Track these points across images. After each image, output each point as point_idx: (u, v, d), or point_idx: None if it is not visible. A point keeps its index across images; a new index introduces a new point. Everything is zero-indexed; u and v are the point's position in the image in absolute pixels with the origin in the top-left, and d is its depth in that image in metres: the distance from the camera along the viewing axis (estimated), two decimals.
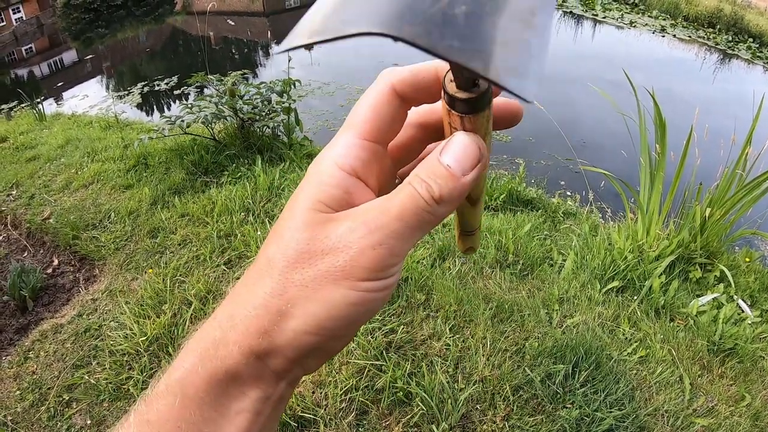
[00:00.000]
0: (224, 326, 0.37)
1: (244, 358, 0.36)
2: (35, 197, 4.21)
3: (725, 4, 18.40)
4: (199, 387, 0.36)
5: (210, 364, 0.36)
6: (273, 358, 0.36)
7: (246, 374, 0.36)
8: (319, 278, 0.35)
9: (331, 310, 0.35)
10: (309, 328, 0.35)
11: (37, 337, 2.83)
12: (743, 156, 3.44)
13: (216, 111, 4.32)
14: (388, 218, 0.35)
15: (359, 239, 0.35)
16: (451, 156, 0.36)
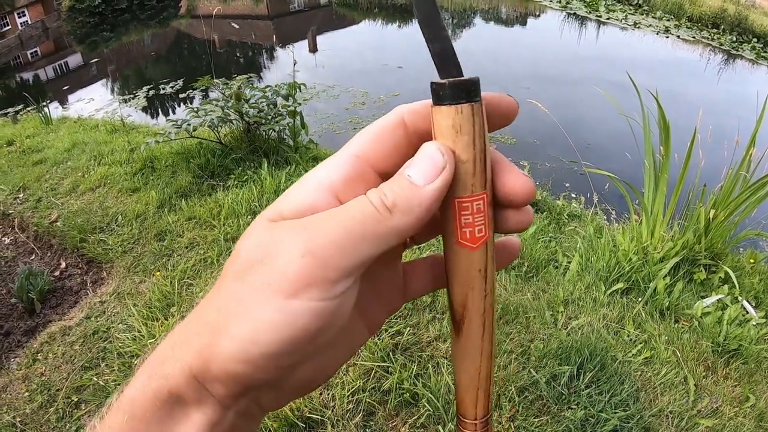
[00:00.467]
0: (176, 342, 0.35)
1: (184, 378, 0.33)
2: (42, 200, 4.24)
3: (729, 5, 18.36)
4: (145, 407, 0.34)
5: (155, 383, 0.34)
6: (211, 384, 0.33)
7: (188, 396, 0.34)
8: (252, 292, 0.32)
9: (259, 333, 0.31)
10: (237, 354, 0.32)
11: (45, 339, 2.85)
12: (747, 157, 3.45)
13: (222, 114, 4.35)
14: (329, 224, 0.32)
15: (290, 244, 0.32)
16: (414, 166, 0.34)
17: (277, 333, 0.31)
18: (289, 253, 0.32)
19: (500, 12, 21.22)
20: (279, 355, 0.32)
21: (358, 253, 0.32)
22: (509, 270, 3.20)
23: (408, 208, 0.33)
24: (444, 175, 0.33)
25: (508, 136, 7.39)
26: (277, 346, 0.31)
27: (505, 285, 3.05)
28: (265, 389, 0.35)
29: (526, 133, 7.56)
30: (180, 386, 0.33)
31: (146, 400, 0.34)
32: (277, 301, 0.31)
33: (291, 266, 0.31)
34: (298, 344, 0.32)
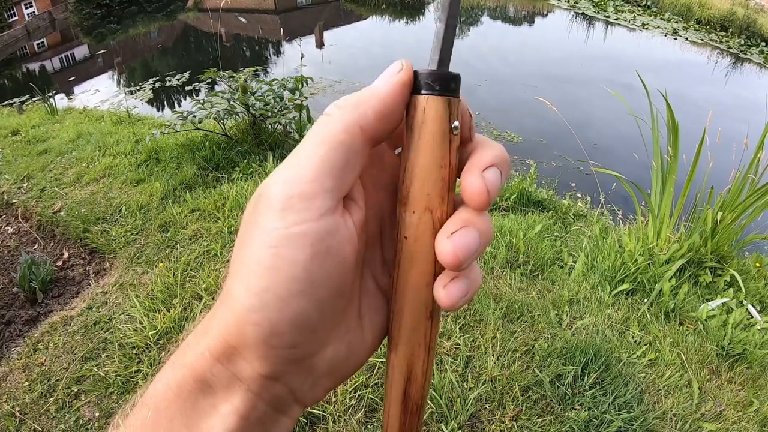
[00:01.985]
0: (199, 330, 0.35)
1: (208, 362, 0.32)
2: (46, 190, 4.24)
3: (738, 8, 18.29)
4: (169, 400, 0.33)
5: (179, 372, 0.33)
6: (237, 362, 0.32)
7: (214, 383, 0.33)
8: (246, 243, 0.32)
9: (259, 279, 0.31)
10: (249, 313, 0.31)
11: (46, 329, 2.85)
12: (755, 160, 3.42)
13: (228, 107, 4.34)
14: (297, 151, 0.33)
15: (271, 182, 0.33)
16: (376, 80, 0.35)
17: (274, 273, 0.30)
18: (268, 188, 0.32)
19: (508, 11, 21.18)
20: (286, 300, 0.30)
21: (326, 160, 0.32)
22: (515, 268, 3.18)
23: (358, 101, 0.34)
24: (401, 74, 0.34)
25: (514, 135, 7.37)
26: (279, 288, 0.30)
27: (510, 283, 3.03)
28: (295, 369, 0.34)
29: (532, 132, 7.54)
30: (205, 372, 0.32)
31: (169, 392, 0.33)
32: (263, 238, 0.31)
33: (270, 199, 0.31)
34: (300, 282, 0.31)
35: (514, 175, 4.85)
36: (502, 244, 3.33)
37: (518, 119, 8.12)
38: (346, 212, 0.34)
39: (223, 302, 0.33)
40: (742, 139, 3.61)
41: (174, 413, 0.32)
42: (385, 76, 0.35)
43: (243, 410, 0.33)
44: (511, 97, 9.40)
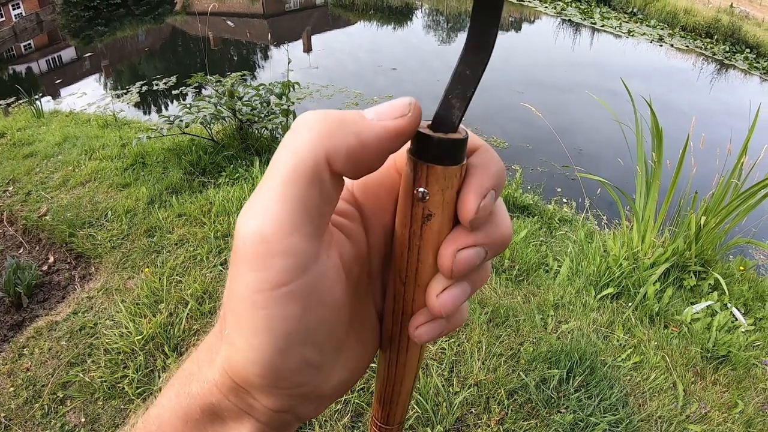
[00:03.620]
0: (202, 359, 0.33)
1: (217, 395, 0.32)
2: (32, 194, 4.21)
3: (723, 15, 18.50)
4: (176, 426, 0.32)
5: (185, 401, 0.32)
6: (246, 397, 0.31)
7: (223, 414, 0.32)
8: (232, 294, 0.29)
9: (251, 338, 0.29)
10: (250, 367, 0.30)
11: (31, 334, 2.83)
12: (739, 165, 3.46)
13: (215, 112, 4.33)
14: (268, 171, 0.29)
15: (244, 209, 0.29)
16: (372, 108, 0.29)
17: (269, 332, 0.28)
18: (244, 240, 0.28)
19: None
20: (287, 351, 0.29)
21: (303, 201, 0.27)
22: (500, 273, 3.20)
23: (336, 128, 0.28)
24: (401, 121, 0.28)
25: (500, 140, 7.41)
26: (277, 343, 0.28)
27: (495, 288, 3.05)
28: (303, 401, 0.33)
29: (518, 138, 7.58)
30: (213, 404, 0.32)
31: (176, 420, 0.32)
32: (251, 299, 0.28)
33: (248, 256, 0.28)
34: (297, 334, 0.29)
35: None
36: None
37: (504, 125, 8.17)
38: (328, 250, 0.31)
39: (225, 346, 0.31)
40: (726, 145, 3.65)
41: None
42: (382, 112, 0.29)
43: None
44: (497, 103, 9.44)
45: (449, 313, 0.33)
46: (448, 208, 0.31)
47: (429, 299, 0.32)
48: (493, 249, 0.32)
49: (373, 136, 0.28)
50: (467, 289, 0.33)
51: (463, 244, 0.31)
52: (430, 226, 0.31)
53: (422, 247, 0.32)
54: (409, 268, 0.33)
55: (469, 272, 0.32)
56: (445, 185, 0.30)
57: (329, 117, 0.28)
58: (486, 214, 0.30)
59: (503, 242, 0.32)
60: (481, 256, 0.31)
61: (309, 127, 0.28)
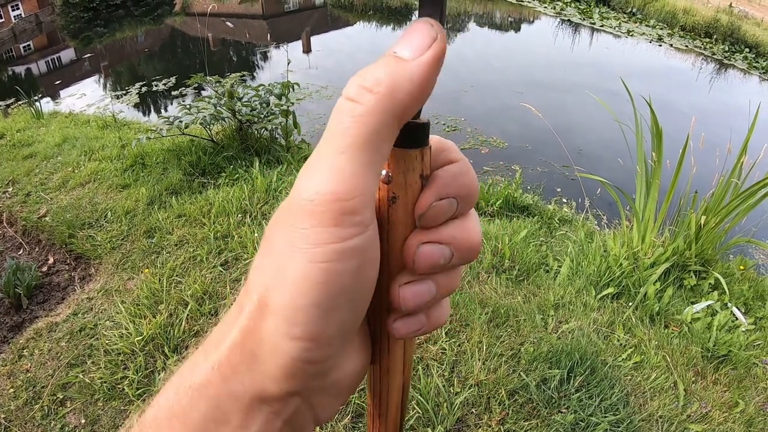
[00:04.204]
0: (209, 347, 0.32)
1: (224, 378, 0.30)
2: (31, 195, 4.20)
3: (722, 15, 18.49)
4: (173, 429, 0.30)
5: (186, 397, 0.30)
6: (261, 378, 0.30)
7: (228, 407, 0.30)
8: (280, 252, 0.29)
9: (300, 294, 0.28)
10: (285, 327, 0.29)
11: (31, 335, 2.82)
12: (738, 165, 3.46)
13: (214, 112, 4.33)
14: (317, 154, 0.30)
15: (305, 173, 0.30)
16: (401, 43, 0.30)
17: (323, 288, 0.28)
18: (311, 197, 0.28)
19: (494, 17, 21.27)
20: (331, 313, 0.29)
21: (369, 165, 0.29)
22: (500, 273, 3.20)
23: (394, 86, 0.28)
24: (436, 47, 0.29)
25: (500, 140, 7.41)
26: (326, 302, 0.29)
27: (495, 288, 3.05)
28: (320, 384, 0.32)
29: (518, 138, 7.58)
30: (218, 393, 0.30)
31: (174, 420, 0.30)
32: (312, 252, 0.28)
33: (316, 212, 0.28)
34: (347, 294, 0.29)
35: (500, 180, 4.87)
36: (488, 249, 3.35)
37: (504, 125, 8.17)
38: None
39: (250, 313, 0.30)
40: (726, 144, 3.65)
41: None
42: (416, 45, 0.29)
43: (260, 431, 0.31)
44: (496, 103, 9.45)
45: (409, 308, 0.34)
46: (411, 193, 0.33)
47: (392, 289, 0.34)
48: (459, 252, 0.34)
49: (423, 75, 0.29)
50: (432, 289, 0.34)
51: (426, 239, 0.33)
52: (395, 209, 0.33)
53: (390, 231, 0.33)
54: (381, 255, 0.33)
55: (433, 269, 0.33)
56: (406, 167, 0.32)
57: (380, 77, 0.29)
58: (439, 216, 0.33)
59: (469, 248, 0.34)
60: (445, 256, 0.33)
61: (368, 91, 0.29)
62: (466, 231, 0.34)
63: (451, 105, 8.67)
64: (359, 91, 0.29)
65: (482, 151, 7.03)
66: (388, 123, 0.29)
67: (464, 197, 0.33)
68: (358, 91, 0.29)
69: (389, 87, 0.28)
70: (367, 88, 0.29)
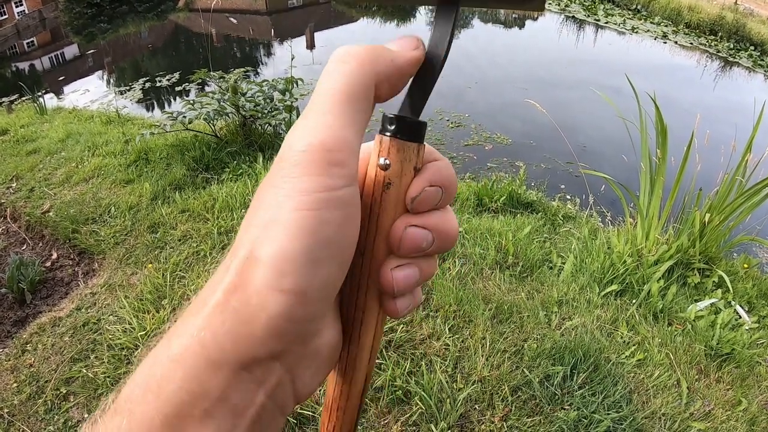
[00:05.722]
0: (189, 314, 0.31)
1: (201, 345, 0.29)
2: (35, 190, 4.21)
3: (727, 12, 18.43)
4: (150, 405, 0.29)
5: (159, 370, 0.29)
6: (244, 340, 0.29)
7: (204, 376, 0.29)
8: (270, 205, 0.30)
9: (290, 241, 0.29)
10: (275, 278, 0.29)
11: (35, 330, 2.83)
12: (743, 163, 3.45)
13: (218, 108, 4.33)
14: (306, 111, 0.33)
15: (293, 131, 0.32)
16: (391, 42, 0.36)
17: (310, 236, 0.29)
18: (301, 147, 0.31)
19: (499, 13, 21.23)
20: (318, 264, 0.30)
21: (355, 121, 0.32)
22: (504, 269, 3.20)
23: (375, 58, 0.34)
24: (417, 52, 0.36)
25: (504, 137, 7.39)
26: (314, 251, 0.30)
27: (499, 284, 3.04)
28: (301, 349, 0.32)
29: (522, 134, 7.56)
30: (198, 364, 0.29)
31: (152, 396, 0.29)
32: (301, 199, 0.30)
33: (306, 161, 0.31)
34: (333, 246, 0.31)
35: (504, 176, 4.86)
36: (492, 246, 3.34)
37: (508, 121, 8.15)
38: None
39: (237, 268, 0.30)
40: (730, 142, 3.63)
41: (153, 420, 0.28)
42: (403, 46, 0.36)
43: (245, 411, 0.30)
44: (500, 100, 9.43)
45: (399, 290, 0.36)
46: (404, 181, 0.36)
47: (383, 272, 0.36)
48: (439, 239, 0.37)
49: (404, 63, 0.35)
50: (417, 273, 0.37)
51: (413, 222, 0.36)
52: (388, 194, 0.36)
53: (380, 215, 0.36)
54: (368, 238, 0.36)
55: (416, 252, 0.36)
56: (403, 157, 0.36)
57: (369, 49, 0.34)
58: (428, 201, 0.36)
59: (448, 236, 0.37)
60: (428, 240, 0.36)
61: (354, 57, 0.34)
62: (446, 221, 0.37)
63: (455, 101, 8.65)
64: (346, 56, 0.33)
65: (486, 148, 7.02)
66: (366, 84, 0.33)
67: (447, 188, 0.37)
68: (345, 56, 0.34)
69: (371, 57, 0.34)
70: (353, 55, 0.33)
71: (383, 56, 0.34)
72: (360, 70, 0.33)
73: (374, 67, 0.33)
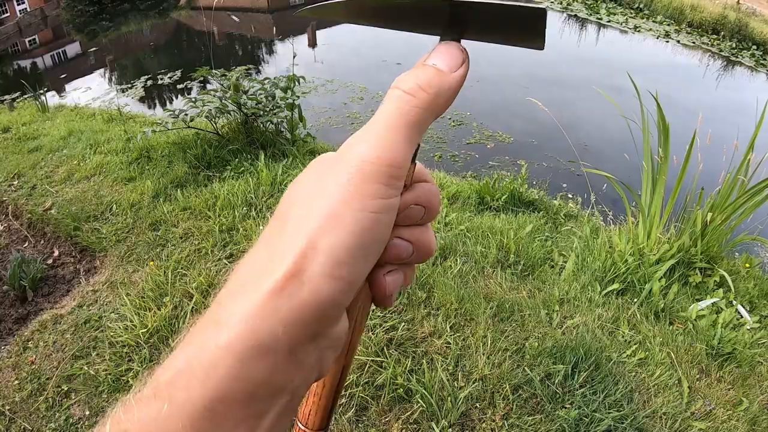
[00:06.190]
0: (227, 299, 0.33)
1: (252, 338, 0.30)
2: (37, 188, 4.21)
3: (730, 11, 18.38)
4: (195, 392, 0.29)
5: (207, 357, 0.30)
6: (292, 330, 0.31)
7: (255, 366, 0.30)
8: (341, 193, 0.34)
9: (348, 236, 0.33)
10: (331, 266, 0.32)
11: (36, 328, 2.83)
12: (745, 162, 3.44)
13: (220, 105, 4.33)
14: (376, 127, 0.36)
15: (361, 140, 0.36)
16: (437, 58, 0.38)
17: (368, 235, 0.34)
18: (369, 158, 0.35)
19: None
20: (369, 260, 0.35)
21: (411, 144, 0.36)
22: (505, 268, 3.19)
23: (440, 91, 0.37)
24: (465, 67, 0.38)
25: (505, 135, 7.38)
26: (369, 248, 0.35)
27: (500, 282, 3.04)
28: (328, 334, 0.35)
29: (523, 133, 7.55)
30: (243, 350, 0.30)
31: (195, 382, 0.29)
32: (365, 203, 0.34)
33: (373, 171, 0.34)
34: (381, 245, 0.36)
35: (506, 175, 4.86)
36: (493, 244, 3.34)
37: (509, 120, 8.13)
38: None
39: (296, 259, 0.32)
40: (732, 142, 3.62)
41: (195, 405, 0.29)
42: (452, 63, 0.38)
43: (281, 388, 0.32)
44: (501, 98, 9.42)
45: (390, 292, 0.40)
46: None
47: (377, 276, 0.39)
48: (418, 252, 0.40)
49: (457, 87, 0.38)
50: (401, 279, 0.41)
51: (397, 234, 0.39)
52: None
53: None
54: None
55: (397, 260, 0.39)
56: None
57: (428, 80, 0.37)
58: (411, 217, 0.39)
59: (426, 250, 0.41)
60: (408, 252, 0.40)
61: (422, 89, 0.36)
62: (426, 237, 0.41)
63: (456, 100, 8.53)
64: (416, 89, 0.36)
65: (488, 146, 7.01)
66: (429, 118, 0.37)
67: (430, 209, 0.40)
68: (415, 88, 0.36)
69: (437, 91, 0.36)
70: (423, 88, 0.36)
71: (444, 88, 0.37)
72: (427, 105, 0.36)
73: (437, 102, 0.37)
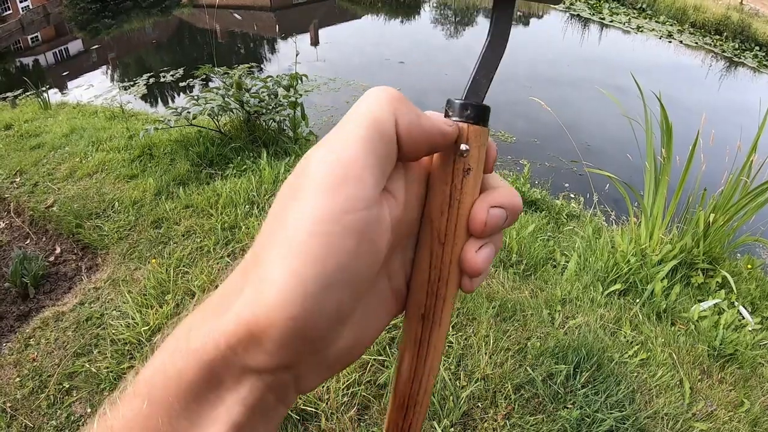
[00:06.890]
0: (206, 313, 0.32)
1: (222, 350, 0.30)
2: (39, 185, 4.21)
3: (733, 12, 18.37)
4: (168, 389, 0.30)
5: (181, 360, 0.30)
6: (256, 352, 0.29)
7: (223, 373, 0.30)
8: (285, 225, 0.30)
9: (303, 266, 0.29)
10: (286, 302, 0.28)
11: (38, 325, 2.83)
12: (748, 163, 3.44)
13: (222, 103, 4.32)
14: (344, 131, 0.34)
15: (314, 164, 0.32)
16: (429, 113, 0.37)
17: (320, 262, 0.29)
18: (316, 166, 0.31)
19: None
20: (329, 291, 0.29)
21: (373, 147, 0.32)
22: (507, 267, 3.19)
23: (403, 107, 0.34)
24: (449, 130, 0.36)
25: (507, 135, 7.38)
26: (324, 278, 0.29)
27: (502, 282, 3.04)
28: (311, 359, 0.32)
29: (526, 132, 7.55)
30: (214, 361, 0.30)
31: (168, 381, 0.30)
32: (312, 222, 0.29)
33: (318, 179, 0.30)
34: (345, 272, 0.30)
35: (508, 174, 4.86)
36: None
37: (512, 119, 8.13)
38: (385, 203, 0.34)
39: (252, 285, 0.30)
40: (735, 142, 3.62)
41: (172, 404, 0.30)
42: (440, 119, 0.36)
43: (250, 400, 0.31)
44: (504, 98, 9.41)
45: (484, 270, 0.38)
46: (481, 165, 0.38)
47: (469, 256, 0.38)
48: (512, 214, 0.39)
49: (429, 126, 0.35)
50: (493, 251, 0.39)
51: (493, 203, 0.38)
52: (468, 180, 0.37)
53: (461, 201, 0.37)
54: (449, 225, 0.37)
55: (497, 230, 0.38)
56: (480, 142, 0.37)
57: (401, 96, 0.35)
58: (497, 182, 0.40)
59: (517, 207, 0.39)
60: (504, 218, 0.38)
61: (385, 96, 0.35)
62: (513, 195, 0.39)
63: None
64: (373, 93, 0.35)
65: None
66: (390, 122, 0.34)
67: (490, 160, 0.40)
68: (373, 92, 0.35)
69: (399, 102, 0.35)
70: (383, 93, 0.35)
71: (411, 108, 0.35)
72: (387, 106, 0.34)
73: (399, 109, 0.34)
